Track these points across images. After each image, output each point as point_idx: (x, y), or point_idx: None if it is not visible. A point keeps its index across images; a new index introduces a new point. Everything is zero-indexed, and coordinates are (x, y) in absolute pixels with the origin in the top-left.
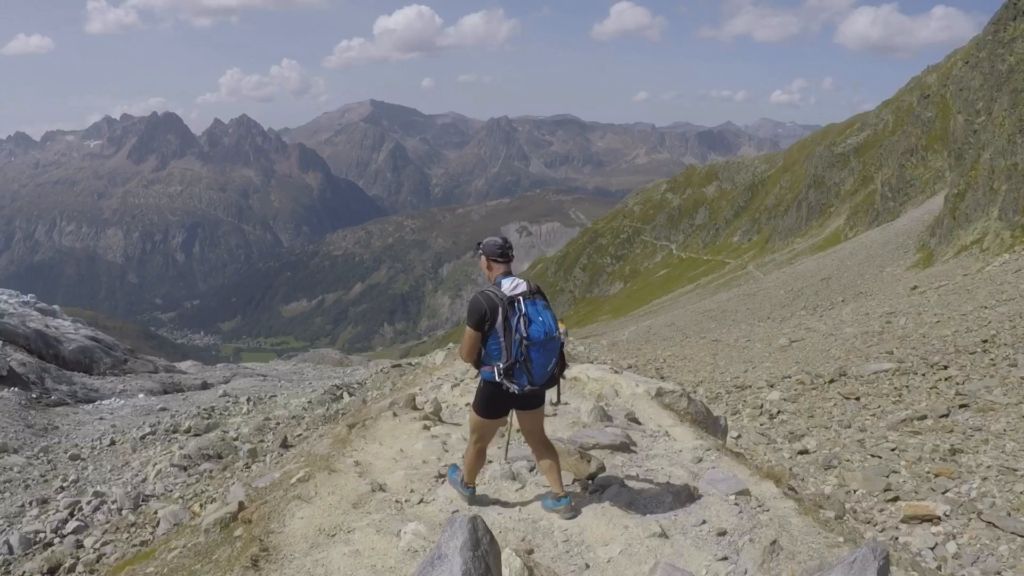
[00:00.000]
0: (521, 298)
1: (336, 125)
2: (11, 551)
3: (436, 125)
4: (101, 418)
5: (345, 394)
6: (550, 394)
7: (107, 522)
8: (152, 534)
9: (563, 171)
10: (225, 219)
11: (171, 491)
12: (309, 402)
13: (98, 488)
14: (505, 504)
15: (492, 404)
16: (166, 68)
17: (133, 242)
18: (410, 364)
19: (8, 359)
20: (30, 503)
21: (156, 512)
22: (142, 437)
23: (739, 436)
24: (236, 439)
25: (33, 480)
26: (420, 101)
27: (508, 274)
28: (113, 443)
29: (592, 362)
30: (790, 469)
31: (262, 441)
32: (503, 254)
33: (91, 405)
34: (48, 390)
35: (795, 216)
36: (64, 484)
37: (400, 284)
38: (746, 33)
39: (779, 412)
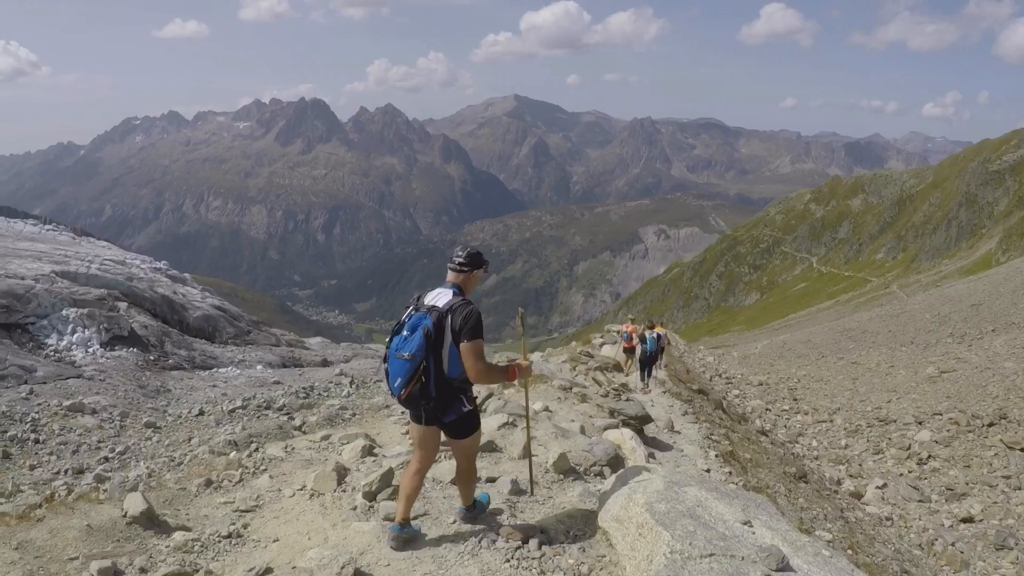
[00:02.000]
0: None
1: (480, 118)
2: None
3: (579, 123)
4: (214, 385)
5: None
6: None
7: None
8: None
9: (705, 176)
10: (366, 204)
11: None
12: None
13: (104, 471)
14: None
15: None
16: (316, 56)
17: (276, 220)
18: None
19: (131, 321)
20: (66, 471)
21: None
22: (231, 411)
23: (884, 485)
24: (299, 428)
25: (88, 445)
26: (564, 98)
27: (444, 285)
28: (202, 413)
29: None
30: (952, 544)
31: (329, 435)
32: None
33: (207, 372)
34: (167, 354)
35: (944, 235)
36: (110, 455)
37: (534, 279)
38: (900, 41)
39: (930, 457)
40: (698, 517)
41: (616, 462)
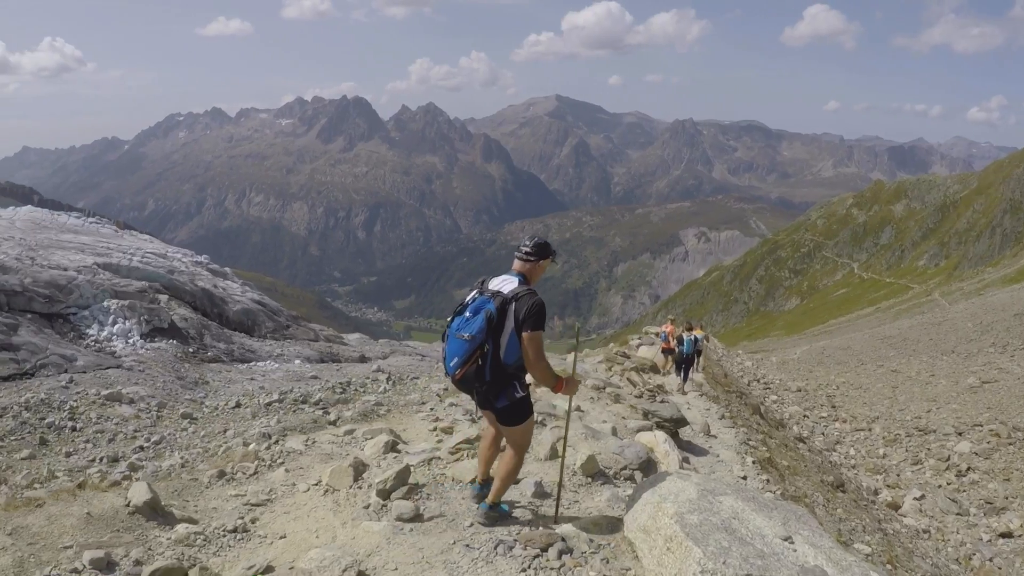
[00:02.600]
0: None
1: (521, 118)
2: None
3: (620, 124)
4: (252, 379)
5: None
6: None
7: None
8: None
9: (746, 179)
10: (407, 202)
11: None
12: (446, 388)
13: (138, 460)
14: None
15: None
16: (358, 54)
17: (317, 217)
18: (562, 359)
19: (171, 313)
20: (101, 459)
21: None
22: (267, 404)
23: (922, 497)
24: (334, 423)
25: (124, 434)
26: (605, 98)
27: (511, 272)
28: (239, 405)
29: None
30: (990, 559)
31: (353, 430)
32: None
33: (245, 365)
34: (206, 346)
35: (987, 243)
36: (145, 445)
37: (574, 279)
38: (944, 43)
39: (969, 469)
40: (734, 531)
41: (648, 466)
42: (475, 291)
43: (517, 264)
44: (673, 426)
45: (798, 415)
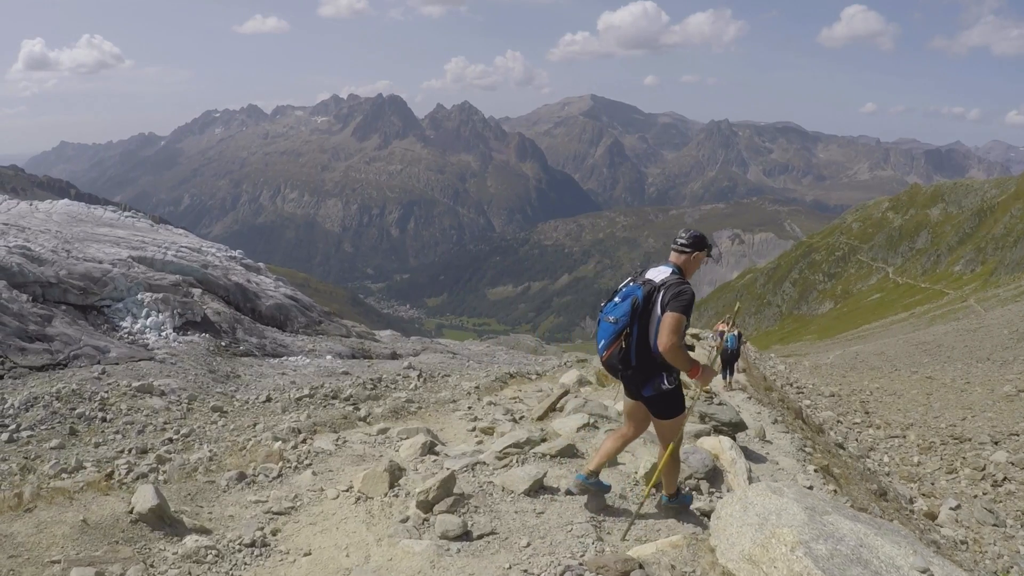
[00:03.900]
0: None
1: (555, 117)
2: None
3: (656, 124)
4: (283, 373)
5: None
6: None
7: None
8: None
9: (781, 180)
10: (441, 200)
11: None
12: (476, 387)
13: (166, 452)
14: None
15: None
16: (393, 52)
17: (351, 214)
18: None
19: (204, 307)
20: (130, 450)
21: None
22: (298, 399)
23: (958, 507)
24: (364, 419)
25: (153, 426)
26: (640, 99)
27: (666, 263)
28: (269, 399)
29: None
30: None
31: (387, 429)
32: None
33: (277, 360)
34: (238, 340)
35: None
36: (174, 437)
37: (607, 279)
38: (983, 45)
39: (1006, 479)
40: (867, 563)
41: (714, 475)
42: (629, 279)
43: (673, 256)
44: (731, 431)
45: (831, 420)
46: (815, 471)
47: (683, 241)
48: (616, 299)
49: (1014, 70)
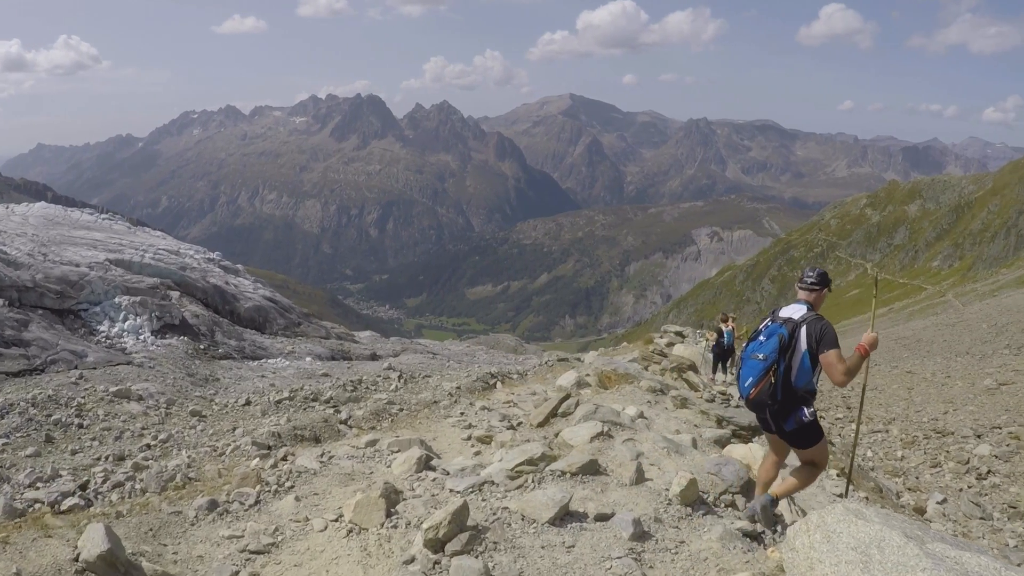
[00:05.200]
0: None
1: (534, 116)
2: None
3: (634, 123)
4: (263, 376)
5: (499, 383)
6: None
7: (117, 500)
8: None
9: (760, 178)
10: (420, 200)
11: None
12: (458, 387)
13: (144, 459)
14: None
15: None
16: (372, 52)
17: (330, 214)
18: (578, 359)
19: (182, 310)
20: (107, 457)
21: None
22: (277, 402)
23: (944, 501)
24: (345, 422)
25: (131, 432)
26: (619, 97)
27: (798, 301)
28: (249, 403)
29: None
30: (1018, 566)
31: (373, 428)
32: (799, 280)
33: (256, 362)
34: (216, 343)
35: (1002, 244)
36: (152, 443)
37: (585, 278)
38: (960, 43)
39: (990, 472)
40: None
41: (748, 488)
42: (767, 320)
43: (802, 294)
44: (751, 434)
45: None
46: (837, 475)
47: (812, 280)
48: (761, 338)
49: (991, 67)
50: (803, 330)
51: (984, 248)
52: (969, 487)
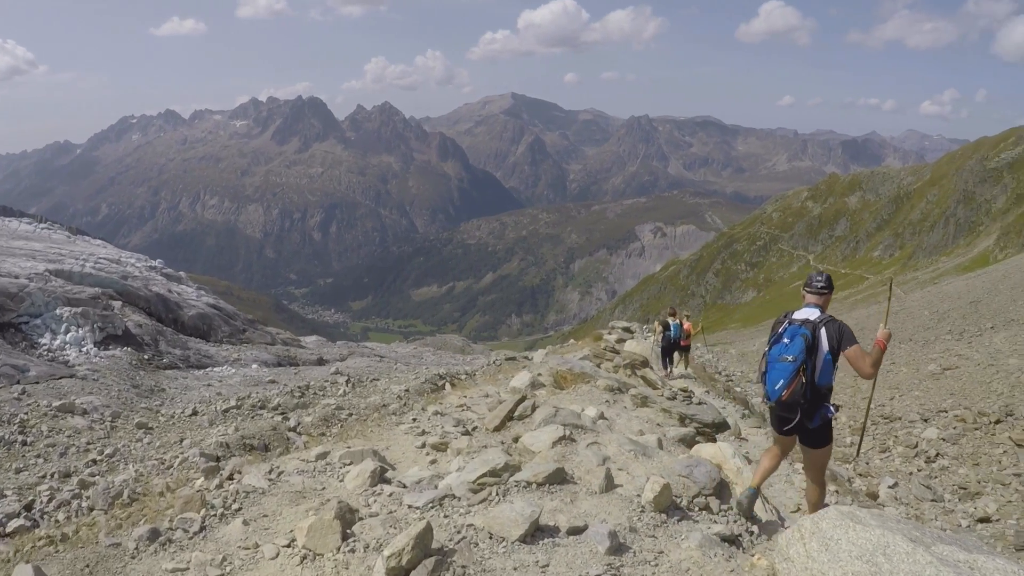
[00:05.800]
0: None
1: (476, 116)
2: None
3: (576, 121)
4: (209, 384)
5: (448, 384)
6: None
7: (63, 520)
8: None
9: (702, 174)
10: (363, 202)
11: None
12: (406, 390)
13: (90, 475)
14: None
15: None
16: (313, 54)
17: (272, 219)
18: (526, 357)
19: (125, 320)
20: (52, 475)
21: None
22: (225, 411)
23: (895, 484)
24: (294, 429)
25: (76, 448)
26: (561, 96)
27: (808, 305)
28: (196, 413)
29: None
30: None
31: (323, 434)
32: (807, 285)
33: (202, 371)
34: (161, 352)
35: (941, 233)
36: (98, 458)
37: (531, 277)
38: (898, 39)
39: (938, 455)
40: None
41: (722, 490)
42: (784, 322)
43: (812, 298)
44: (714, 431)
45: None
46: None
47: (821, 284)
48: (784, 340)
49: (928, 62)
50: (823, 331)
51: (923, 237)
52: (919, 470)
